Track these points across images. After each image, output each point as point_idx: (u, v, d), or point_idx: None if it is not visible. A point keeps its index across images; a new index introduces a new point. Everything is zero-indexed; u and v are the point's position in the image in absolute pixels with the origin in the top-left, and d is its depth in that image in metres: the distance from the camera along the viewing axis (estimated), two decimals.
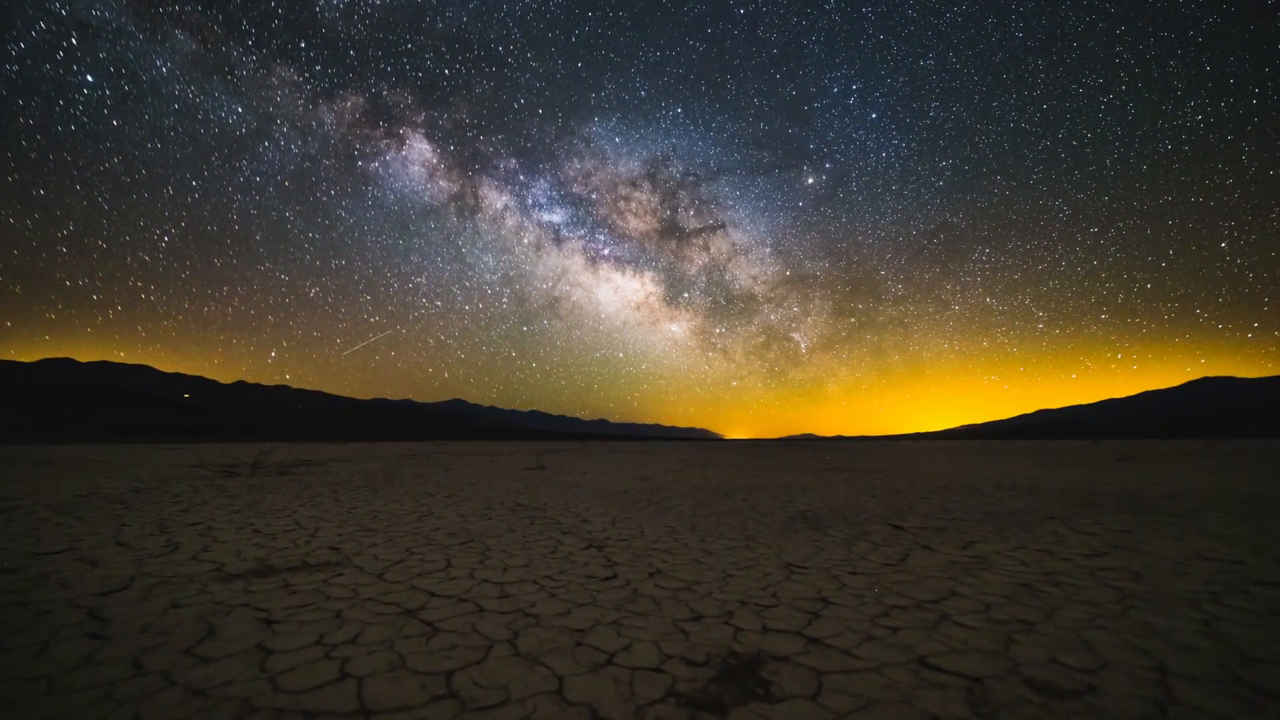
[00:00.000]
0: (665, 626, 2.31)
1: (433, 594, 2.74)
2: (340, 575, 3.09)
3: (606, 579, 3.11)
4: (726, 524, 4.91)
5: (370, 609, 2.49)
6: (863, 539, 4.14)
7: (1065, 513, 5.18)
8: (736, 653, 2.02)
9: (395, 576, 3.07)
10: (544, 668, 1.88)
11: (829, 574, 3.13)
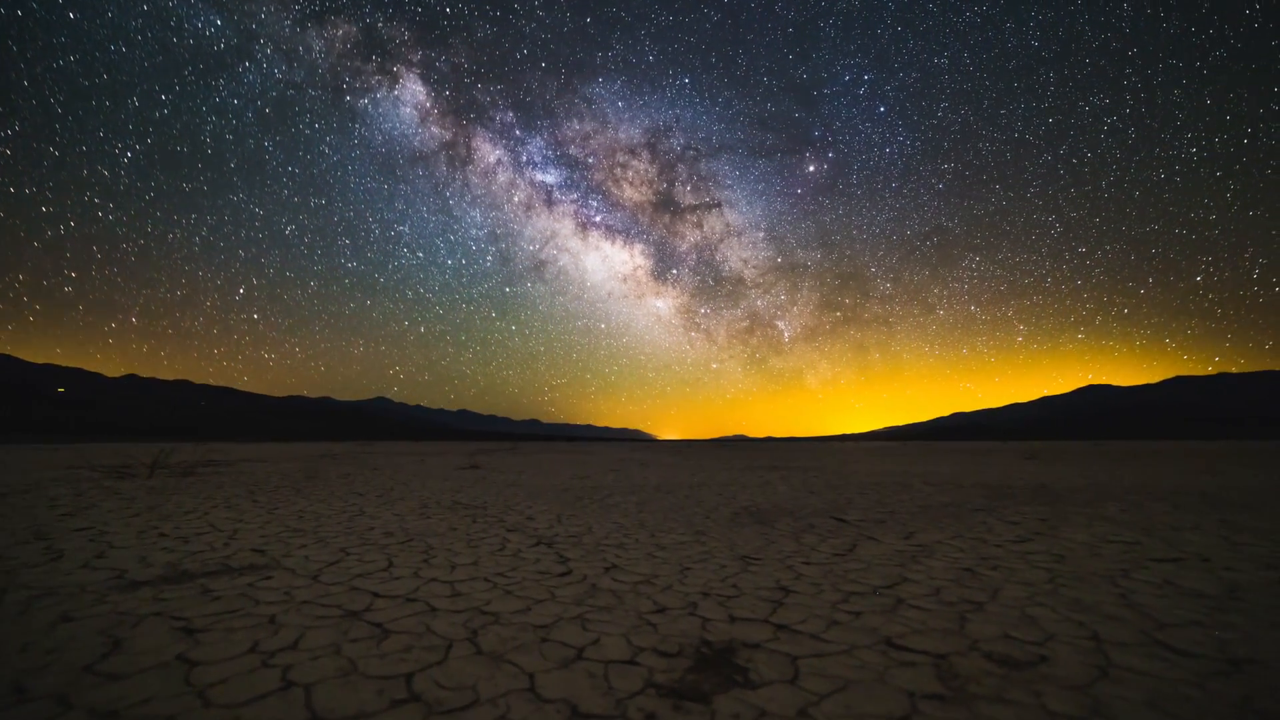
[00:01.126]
0: (631, 619, 2.25)
1: (377, 595, 2.54)
2: (269, 578, 2.80)
3: (561, 575, 3.01)
4: (674, 520, 4.91)
5: (309, 612, 2.26)
6: (810, 532, 4.24)
7: (989, 505, 5.57)
8: (709, 642, 1.99)
9: (332, 578, 2.83)
10: (511, 665, 1.77)
11: (784, 565, 3.18)
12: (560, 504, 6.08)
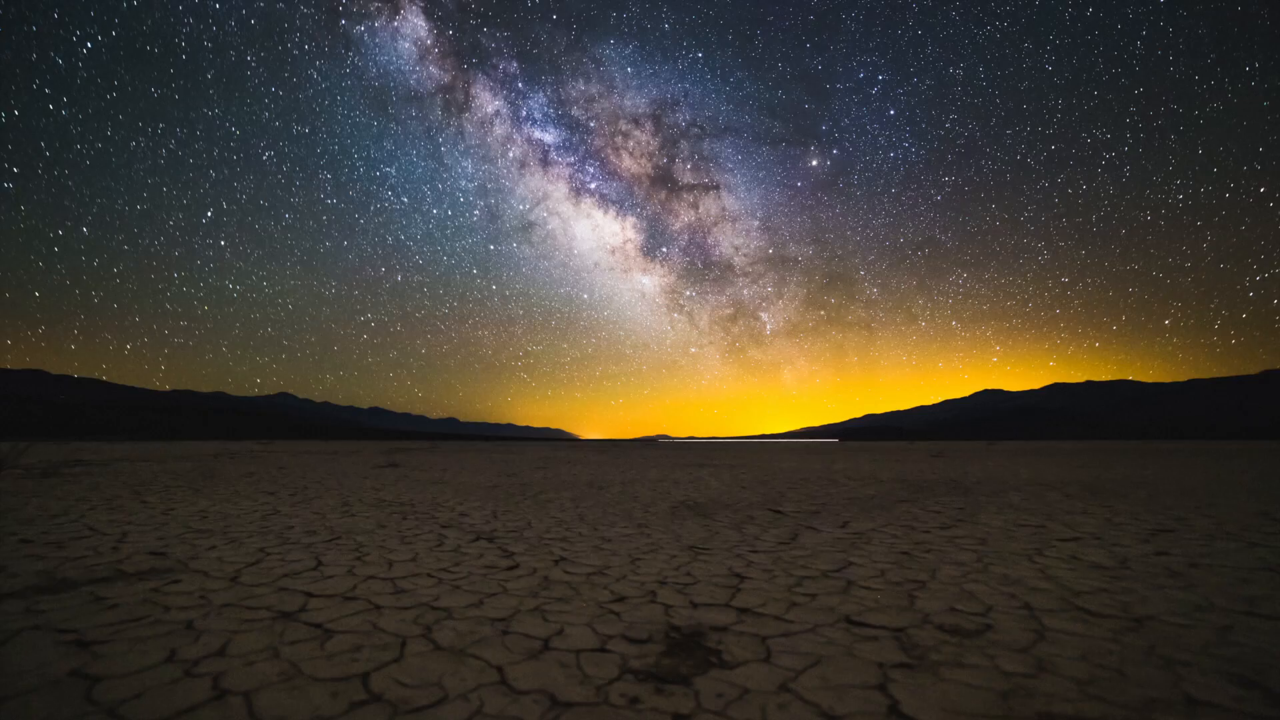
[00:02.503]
0: (592, 609, 2.20)
1: (310, 594, 2.32)
2: (176, 582, 2.48)
3: (509, 568, 2.89)
4: (613, 514, 4.88)
5: (233, 616, 2.02)
6: (750, 523, 4.35)
7: (911, 496, 5.98)
8: (677, 627, 1.98)
9: (254, 579, 2.55)
10: (476, 659, 1.67)
11: (732, 553, 3.23)
12: (493, 501, 5.88)
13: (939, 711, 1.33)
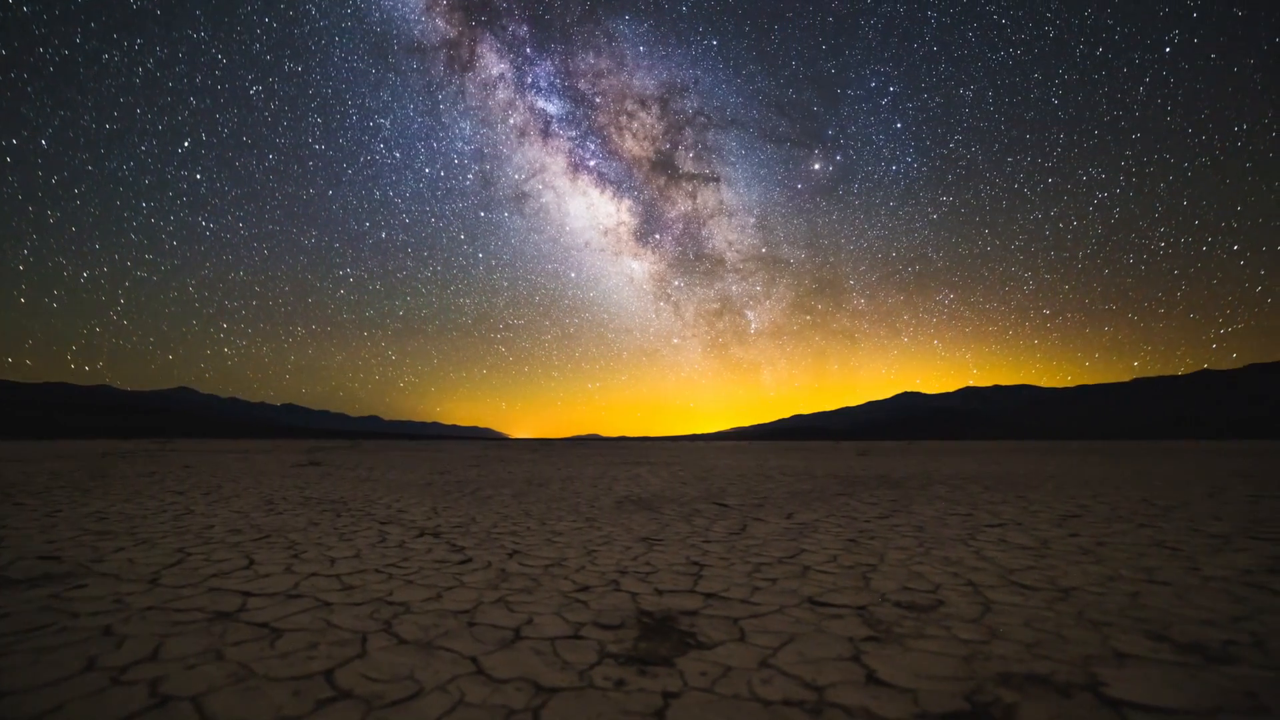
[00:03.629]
0: (557, 599, 2.15)
1: (248, 594, 2.13)
2: (81, 587, 2.21)
3: (462, 562, 2.79)
4: (558, 509, 4.82)
5: (160, 619, 1.82)
6: (698, 515, 4.42)
7: (847, 490, 6.28)
8: (648, 612, 1.98)
9: (177, 580, 2.31)
10: (446, 651, 1.59)
11: (686, 544, 3.27)
12: (430, 497, 5.65)
13: (913, 676, 1.40)
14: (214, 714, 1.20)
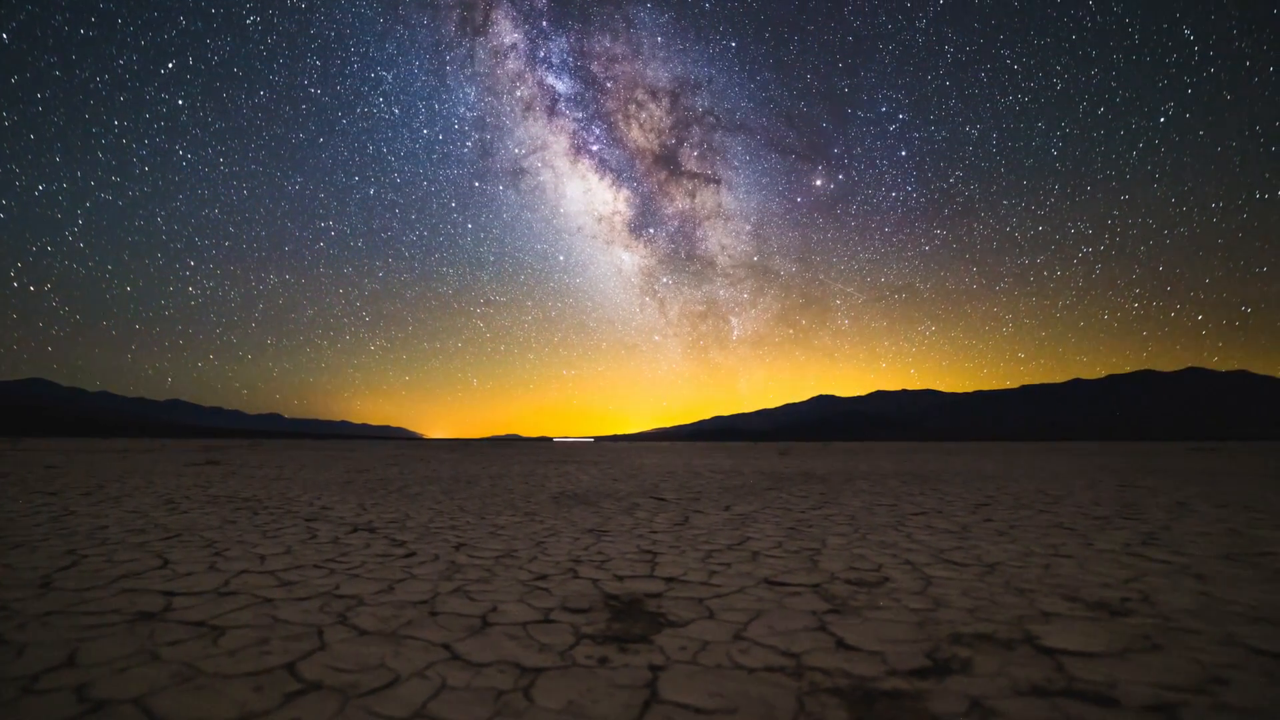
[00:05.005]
0: (518, 588, 2.11)
1: (172, 594, 1.92)
2: None
3: (407, 556, 2.67)
4: (495, 505, 4.71)
5: (68, 623, 1.60)
6: (638, 509, 4.46)
7: (776, 485, 6.55)
8: (615, 595, 1.98)
9: (77, 583, 2.04)
10: (414, 640, 1.52)
11: (633, 534, 3.29)
12: (354, 495, 5.33)
13: (877, 640, 1.50)
14: (166, 714, 1.08)
